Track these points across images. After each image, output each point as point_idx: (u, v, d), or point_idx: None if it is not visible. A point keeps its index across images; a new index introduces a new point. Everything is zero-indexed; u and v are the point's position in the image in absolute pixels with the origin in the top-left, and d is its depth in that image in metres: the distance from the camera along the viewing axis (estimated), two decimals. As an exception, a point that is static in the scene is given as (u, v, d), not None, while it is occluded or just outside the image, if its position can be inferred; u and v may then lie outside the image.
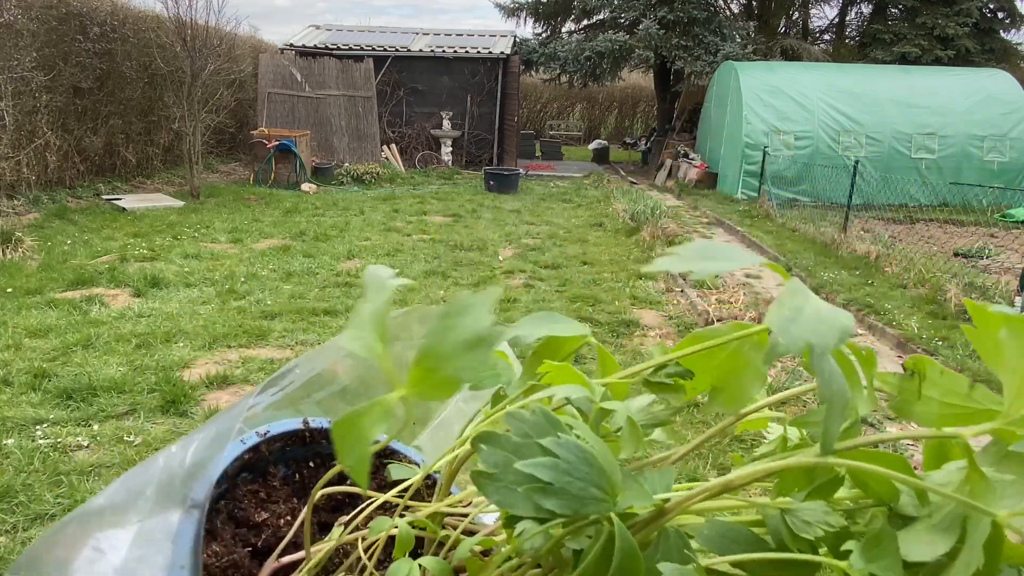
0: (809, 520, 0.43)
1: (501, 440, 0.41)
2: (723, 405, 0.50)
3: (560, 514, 0.38)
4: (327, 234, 7.91)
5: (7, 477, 2.85)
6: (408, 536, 0.52)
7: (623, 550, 0.39)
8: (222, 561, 0.56)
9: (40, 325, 4.57)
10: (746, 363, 0.49)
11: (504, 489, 0.38)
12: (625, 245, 8.20)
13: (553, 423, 0.42)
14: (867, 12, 19.97)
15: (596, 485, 0.39)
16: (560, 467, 0.39)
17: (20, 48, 8.09)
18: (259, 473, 0.66)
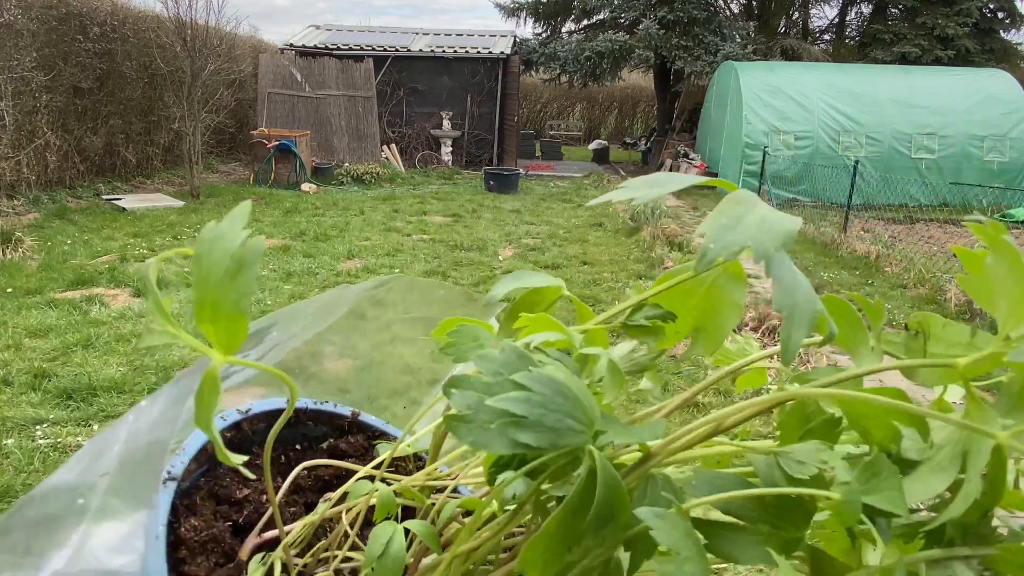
0: (802, 459, 0.41)
1: (472, 382, 0.39)
2: (705, 344, 0.49)
3: (536, 447, 0.37)
4: (327, 234, 7.91)
5: (7, 477, 2.85)
6: (389, 498, 0.51)
7: (606, 483, 0.38)
8: (201, 535, 0.55)
9: (40, 325, 4.57)
10: (722, 298, 0.48)
11: (478, 429, 0.37)
12: (625, 245, 8.20)
13: (524, 359, 0.41)
14: (867, 12, 19.97)
15: (572, 416, 0.38)
16: (534, 400, 0.38)
17: (20, 48, 8.09)
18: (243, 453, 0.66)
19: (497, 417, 0.37)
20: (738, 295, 0.48)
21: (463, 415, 0.37)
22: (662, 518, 0.39)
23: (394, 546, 0.47)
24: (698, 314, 0.49)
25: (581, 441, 0.38)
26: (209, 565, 0.54)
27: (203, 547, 0.55)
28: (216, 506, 0.60)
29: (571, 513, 0.38)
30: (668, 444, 0.45)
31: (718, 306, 0.48)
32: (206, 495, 0.60)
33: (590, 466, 0.38)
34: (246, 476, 0.62)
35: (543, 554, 0.39)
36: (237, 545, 0.57)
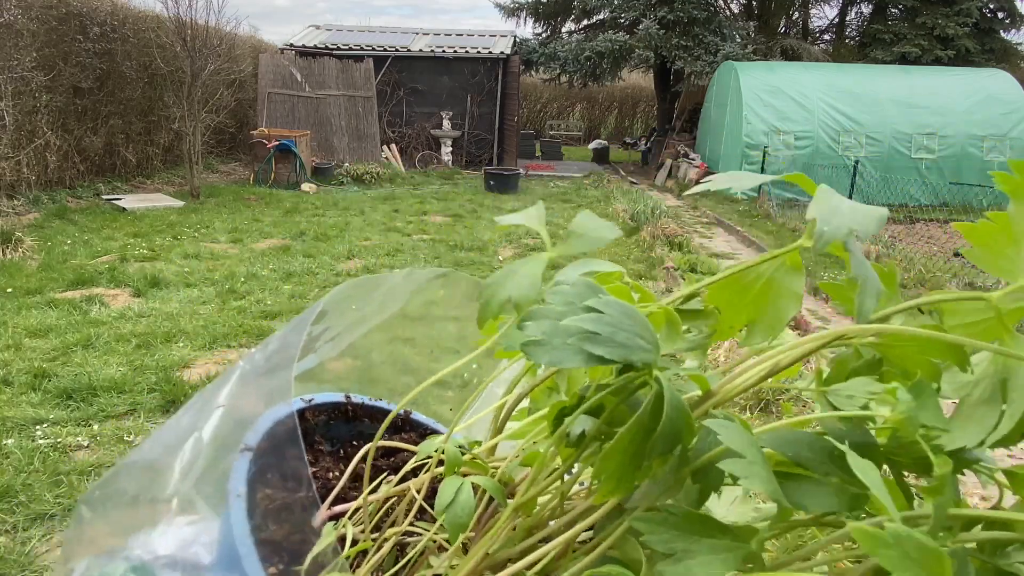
0: (852, 394, 0.44)
1: (546, 311, 0.43)
2: (763, 334, 0.51)
3: (610, 359, 0.40)
4: (327, 234, 7.91)
5: (7, 477, 2.85)
6: (455, 457, 0.54)
7: (672, 403, 0.40)
8: (275, 504, 0.59)
9: (40, 325, 4.57)
10: (780, 290, 0.51)
11: (553, 349, 0.40)
12: (625, 245, 8.20)
13: (594, 289, 0.45)
14: (867, 12, 19.97)
15: (640, 336, 0.42)
16: (605, 320, 0.41)
17: (20, 48, 8.09)
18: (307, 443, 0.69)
19: (571, 335, 0.40)
20: (797, 285, 0.51)
21: (538, 339, 0.41)
22: (728, 427, 0.41)
23: (463, 495, 0.50)
24: (754, 307, 0.52)
25: (650, 358, 0.41)
26: (283, 531, 0.58)
27: (277, 515, 0.59)
28: (285, 483, 0.63)
29: (641, 430, 0.41)
30: (727, 383, 0.47)
31: (777, 297, 0.51)
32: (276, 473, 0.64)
33: (657, 388, 0.41)
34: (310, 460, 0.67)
35: (616, 468, 0.42)
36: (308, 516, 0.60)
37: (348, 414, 0.71)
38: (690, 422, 0.41)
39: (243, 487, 0.56)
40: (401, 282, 0.72)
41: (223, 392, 0.61)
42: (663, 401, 0.40)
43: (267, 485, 0.61)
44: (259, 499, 0.59)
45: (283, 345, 0.63)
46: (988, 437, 0.40)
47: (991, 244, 0.44)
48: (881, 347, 0.46)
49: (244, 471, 0.58)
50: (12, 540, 2.52)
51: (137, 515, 0.56)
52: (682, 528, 0.41)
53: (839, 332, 0.46)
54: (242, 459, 0.59)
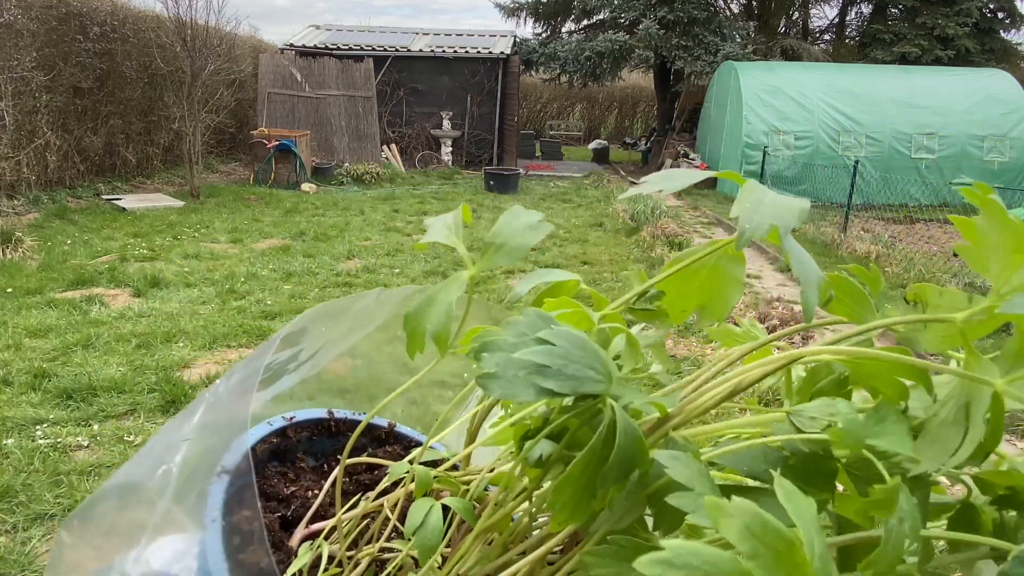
0: (814, 415, 0.44)
1: (500, 343, 0.43)
2: (710, 316, 0.54)
3: (559, 392, 0.40)
4: (327, 234, 7.91)
5: (7, 477, 2.85)
6: (426, 477, 0.54)
7: (625, 431, 0.41)
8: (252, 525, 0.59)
9: (40, 325, 4.57)
10: (724, 277, 0.53)
11: (506, 382, 0.40)
12: (625, 245, 8.20)
13: (546, 319, 0.45)
14: (867, 12, 19.97)
15: (591, 367, 0.42)
16: (556, 352, 0.41)
17: (20, 48, 8.09)
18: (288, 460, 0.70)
19: (523, 369, 0.41)
20: (739, 272, 0.53)
21: (492, 372, 0.41)
22: (677, 459, 0.41)
23: (432, 518, 0.51)
24: (702, 293, 0.54)
25: (601, 389, 0.41)
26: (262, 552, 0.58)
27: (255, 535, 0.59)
28: (265, 502, 0.64)
29: (593, 459, 0.41)
30: (686, 405, 0.47)
31: (721, 283, 0.53)
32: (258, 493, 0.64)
33: (610, 416, 0.41)
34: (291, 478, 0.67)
35: (570, 497, 0.42)
36: (286, 537, 0.61)
37: (331, 429, 0.71)
38: (644, 450, 0.42)
39: (218, 512, 0.56)
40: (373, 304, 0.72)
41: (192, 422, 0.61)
42: (615, 431, 0.41)
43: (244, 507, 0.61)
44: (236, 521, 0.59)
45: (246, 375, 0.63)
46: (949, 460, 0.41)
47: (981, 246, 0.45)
48: (851, 365, 0.47)
49: (220, 495, 0.58)
50: (12, 540, 2.52)
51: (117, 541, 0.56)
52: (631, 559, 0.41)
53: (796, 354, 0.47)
54: (218, 483, 0.59)
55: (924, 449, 0.42)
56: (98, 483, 2.86)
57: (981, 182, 0.44)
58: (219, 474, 0.60)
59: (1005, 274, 0.42)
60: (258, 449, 0.66)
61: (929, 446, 0.42)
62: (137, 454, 0.62)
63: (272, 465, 0.68)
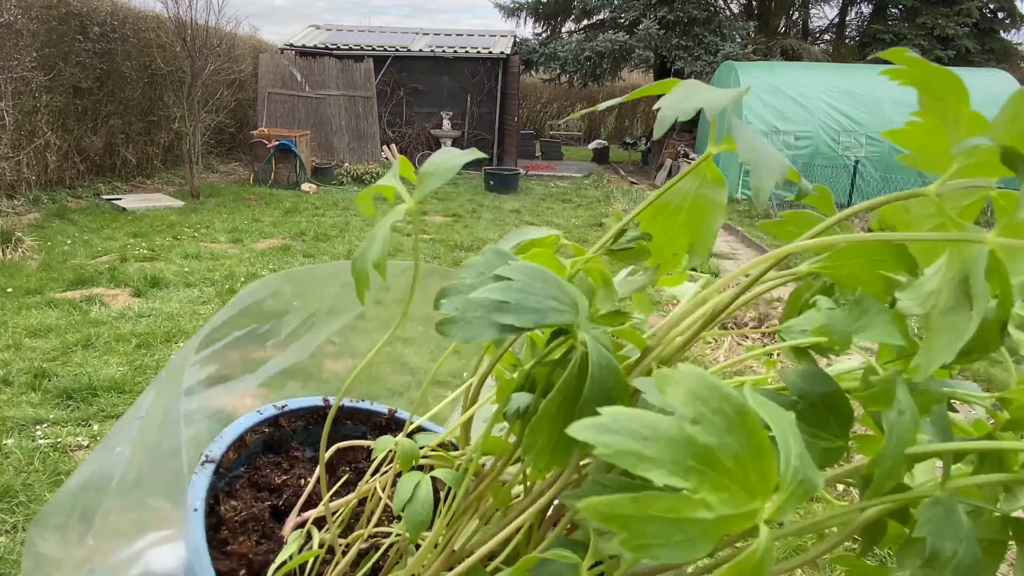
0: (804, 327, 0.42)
1: (458, 287, 0.41)
2: (700, 253, 0.51)
3: (520, 327, 0.37)
4: (327, 234, 7.91)
5: (7, 477, 2.85)
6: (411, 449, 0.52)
7: (599, 364, 0.38)
8: (241, 515, 0.58)
9: (40, 325, 4.57)
10: (706, 204, 0.49)
11: (465, 325, 0.38)
12: (625, 245, 8.20)
13: (504, 256, 0.43)
14: (867, 12, 19.98)
15: (554, 298, 0.39)
16: (514, 287, 0.39)
17: (20, 48, 8.09)
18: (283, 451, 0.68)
19: (482, 308, 0.38)
20: (720, 195, 0.50)
21: (452, 317, 0.38)
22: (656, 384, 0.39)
23: (421, 492, 0.48)
24: (689, 230, 0.51)
25: (566, 319, 0.38)
26: (251, 543, 0.57)
27: (243, 526, 0.58)
28: (257, 492, 0.62)
29: (567, 395, 0.38)
30: (664, 335, 0.44)
31: (705, 212, 0.50)
32: (246, 483, 0.63)
33: (582, 348, 0.38)
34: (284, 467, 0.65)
35: (547, 439, 0.39)
36: (277, 527, 0.59)
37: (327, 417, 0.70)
38: (622, 381, 0.38)
39: (200, 502, 0.54)
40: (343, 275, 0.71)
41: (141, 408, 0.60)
42: (588, 362, 0.38)
43: (235, 497, 0.60)
44: (224, 511, 0.57)
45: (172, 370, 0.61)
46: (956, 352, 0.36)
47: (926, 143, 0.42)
48: (830, 270, 0.43)
49: (204, 485, 0.56)
50: (12, 540, 2.52)
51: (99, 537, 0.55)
52: None
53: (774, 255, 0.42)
54: (202, 473, 0.57)
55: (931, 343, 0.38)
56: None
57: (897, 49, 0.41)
58: (203, 463, 0.59)
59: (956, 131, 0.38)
60: (247, 439, 0.64)
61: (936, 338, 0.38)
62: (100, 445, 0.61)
63: (266, 455, 0.67)
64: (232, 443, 0.62)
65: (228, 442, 0.62)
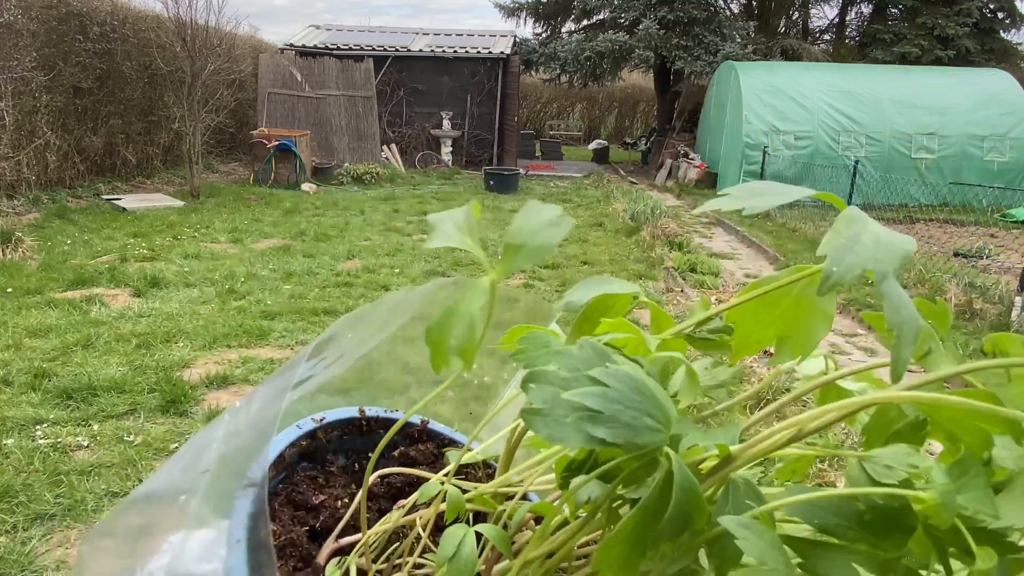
0: (890, 464, 0.40)
1: (549, 376, 0.39)
2: (790, 353, 0.48)
3: (611, 443, 0.36)
4: (327, 234, 7.91)
5: (7, 477, 2.85)
6: (458, 499, 0.52)
7: (683, 487, 0.37)
8: (280, 540, 0.57)
9: (40, 325, 4.57)
10: (811, 307, 0.47)
11: (553, 423, 0.37)
12: (625, 245, 8.20)
13: (602, 355, 0.41)
14: (867, 12, 19.99)
15: (648, 414, 0.38)
16: (609, 395, 0.38)
17: (20, 48, 8.09)
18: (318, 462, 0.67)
19: (573, 411, 0.37)
20: (828, 304, 0.47)
21: (539, 409, 0.37)
22: (748, 527, 0.37)
23: (466, 548, 0.47)
24: (783, 323, 0.48)
25: (658, 440, 0.37)
26: (288, 569, 0.55)
27: (282, 551, 0.56)
28: (294, 511, 0.61)
29: (647, 516, 0.38)
30: (747, 448, 0.43)
31: (806, 315, 0.47)
32: (284, 501, 0.61)
33: (667, 468, 0.37)
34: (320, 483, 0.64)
35: (618, 557, 0.38)
36: (315, 549, 0.58)
37: (363, 428, 0.69)
38: (702, 505, 0.38)
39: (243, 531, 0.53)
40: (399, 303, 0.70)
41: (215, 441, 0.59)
42: (672, 482, 0.37)
43: (273, 518, 0.59)
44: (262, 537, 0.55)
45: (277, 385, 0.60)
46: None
47: None
48: (927, 407, 0.42)
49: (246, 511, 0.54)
50: (12, 540, 2.52)
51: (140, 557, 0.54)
52: None
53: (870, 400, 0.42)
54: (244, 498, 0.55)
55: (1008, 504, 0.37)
56: (98, 483, 2.86)
57: None
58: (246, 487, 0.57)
59: None
60: (286, 454, 0.64)
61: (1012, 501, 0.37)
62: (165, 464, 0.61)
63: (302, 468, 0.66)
64: (273, 462, 0.62)
65: (270, 460, 0.61)
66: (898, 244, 0.40)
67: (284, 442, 0.64)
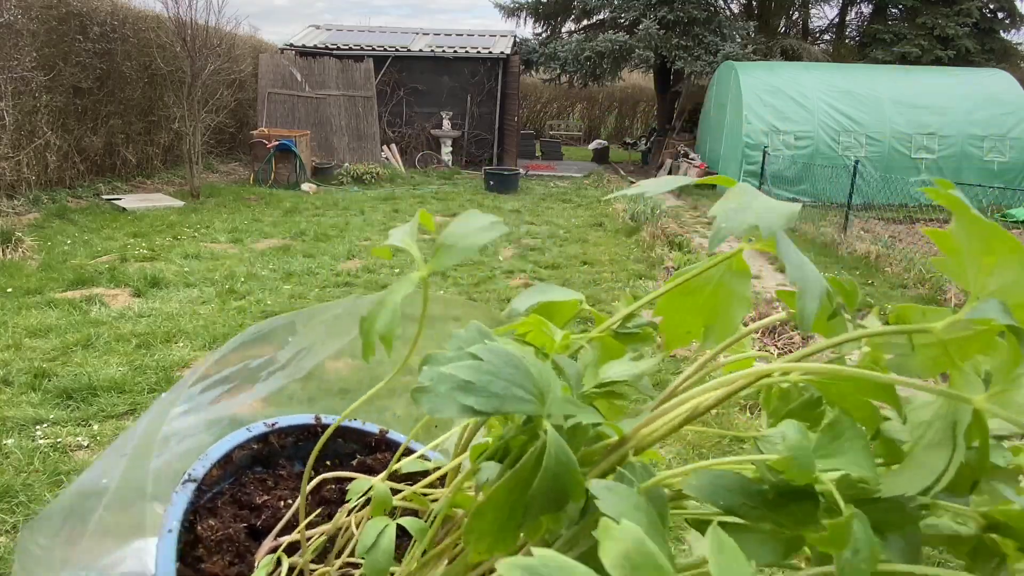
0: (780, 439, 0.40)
1: (438, 357, 0.41)
2: (717, 338, 0.50)
3: (480, 411, 0.37)
4: (327, 234, 7.91)
5: (7, 477, 2.85)
6: (384, 495, 0.53)
7: (556, 457, 0.38)
8: (217, 534, 0.58)
9: (40, 325, 4.57)
10: (729, 293, 0.49)
11: (434, 397, 0.38)
12: (625, 245, 8.20)
13: (483, 334, 0.43)
14: (867, 12, 19.98)
15: (520, 386, 0.39)
16: (483, 368, 0.39)
17: (20, 48, 8.09)
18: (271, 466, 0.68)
19: (451, 384, 0.38)
20: (745, 289, 0.49)
21: (425, 386, 0.39)
22: (612, 490, 0.38)
23: (384, 540, 0.49)
24: (707, 311, 0.50)
25: (529, 409, 0.39)
26: (224, 563, 0.57)
27: (218, 546, 0.58)
28: (237, 510, 0.63)
29: (519, 484, 0.38)
30: (641, 428, 0.44)
31: (727, 301, 0.49)
32: (229, 500, 0.63)
33: (542, 439, 0.38)
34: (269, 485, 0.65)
35: (491, 525, 0.39)
36: (254, 546, 0.59)
37: (318, 434, 0.69)
38: (577, 479, 0.38)
39: (176, 522, 0.55)
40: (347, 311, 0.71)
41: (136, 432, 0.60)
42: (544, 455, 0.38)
43: (215, 515, 0.60)
44: (201, 531, 0.58)
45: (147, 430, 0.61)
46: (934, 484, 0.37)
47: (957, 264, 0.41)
48: (820, 385, 0.43)
49: (182, 505, 0.57)
50: (12, 540, 2.52)
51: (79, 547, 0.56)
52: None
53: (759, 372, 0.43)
54: (183, 492, 0.58)
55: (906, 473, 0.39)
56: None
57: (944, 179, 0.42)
58: (184, 483, 0.59)
59: (979, 279, 0.39)
60: (235, 455, 0.64)
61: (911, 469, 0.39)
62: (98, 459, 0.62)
63: (253, 471, 0.67)
64: (217, 461, 0.62)
65: (213, 460, 0.62)
66: (784, 207, 0.43)
67: (232, 443, 0.65)
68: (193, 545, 0.57)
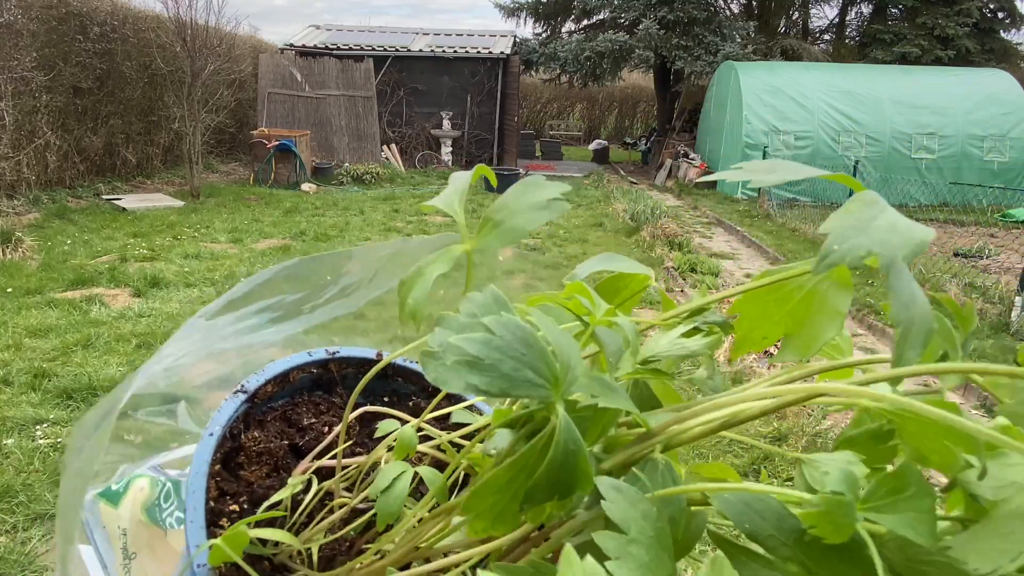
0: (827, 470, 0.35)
1: (451, 321, 0.38)
2: (796, 352, 0.44)
3: (486, 391, 0.35)
4: (327, 234, 7.91)
5: (7, 477, 2.85)
6: (409, 439, 0.53)
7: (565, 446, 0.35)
8: (258, 446, 0.61)
9: (40, 325, 4.57)
10: (822, 304, 0.43)
11: (441, 366, 0.35)
12: (625, 245, 8.20)
13: (500, 303, 0.40)
14: (867, 12, 19.98)
15: (532, 368, 0.36)
16: (493, 343, 0.36)
17: (20, 48, 8.09)
18: (328, 392, 0.70)
19: (458, 355, 0.36)
20: (842, 304, 0.42)
21: (434, 352, 0.36)
22: (620, 492, 0.35)
23: (399, 484, 0.49)
24: (792, 320, 0.44)
25: (538, 394, 0.36)
26: (260, 473, 0.60)
27: (259, 457, 0.61)
28: (285, 427, 0.65)
29: (524, 469, 0.36)
30: (670, 425, 0.41)
31: (817, 313, 0.43)
32: (279, 416, 0.66)
33: (552, 424, 0.36)
34: (321, 409, 0.67)
35: (491, 506, 0.37)
36: (294, 463, 0.61)
37: (381, 372, 0.69)
38: (585, 467, 0.36)
39: (219, 428, 0.58)
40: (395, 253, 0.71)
41: None
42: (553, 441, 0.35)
43: (262, 428, 0.63)
44: (245, 440, 0.60)
45: None
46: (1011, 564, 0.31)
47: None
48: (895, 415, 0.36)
49: (228, 412, 0.60)
50: (12, 540, 2.52)
51: None
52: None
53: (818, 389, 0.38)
54: (231, 401, 0.61)
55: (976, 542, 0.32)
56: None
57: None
58: (235, 392, 0.62)
59: None
60: (293, 376, 0.67)
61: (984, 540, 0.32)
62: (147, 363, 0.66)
63: (312, 393, 0.68)
64: (273, 377, 0.65)
65: (269, 376, 0.64)
66: (915, 231, 0.36)
67: (291, 363, 0.67)
68: (236, 452, 0.60)
